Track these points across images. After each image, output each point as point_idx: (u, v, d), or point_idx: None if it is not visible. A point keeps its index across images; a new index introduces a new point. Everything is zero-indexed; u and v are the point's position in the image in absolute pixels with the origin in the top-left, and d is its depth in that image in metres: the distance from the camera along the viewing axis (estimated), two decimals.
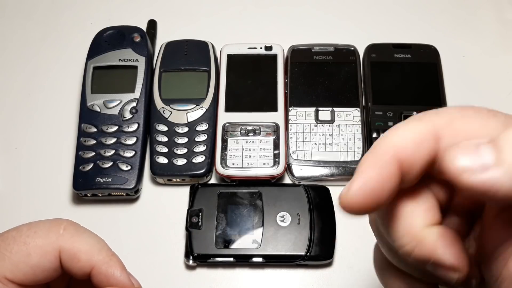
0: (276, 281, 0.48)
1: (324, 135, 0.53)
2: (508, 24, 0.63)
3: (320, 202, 0.49)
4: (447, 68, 0.57)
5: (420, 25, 0.62)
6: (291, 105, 0.55)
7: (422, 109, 0.58)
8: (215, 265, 0.48)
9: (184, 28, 0.61)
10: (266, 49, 0.57)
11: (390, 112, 0.54)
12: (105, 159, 0.50)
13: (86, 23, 0.63)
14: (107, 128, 0.52)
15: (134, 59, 0.55)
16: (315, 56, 0.57)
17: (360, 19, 0.63)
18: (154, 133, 0.52)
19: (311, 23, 0.63)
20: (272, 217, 0.48)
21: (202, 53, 0.57)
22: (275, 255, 0.47)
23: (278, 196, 0.49)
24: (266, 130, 0.53)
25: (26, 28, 0.63)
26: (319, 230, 0.47)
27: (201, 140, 0.52)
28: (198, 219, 0.48)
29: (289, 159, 0.52)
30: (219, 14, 0.64)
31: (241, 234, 0.47)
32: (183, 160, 0.51)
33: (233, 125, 0.53)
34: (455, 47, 0.60)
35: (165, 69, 0.56)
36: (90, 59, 0.55)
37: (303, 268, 0.48)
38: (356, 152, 0.52)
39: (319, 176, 0.52)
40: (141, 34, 0.57)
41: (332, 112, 0.54)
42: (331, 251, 0.47)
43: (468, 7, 0.64)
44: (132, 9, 0.64)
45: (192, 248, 0.47)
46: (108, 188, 0.50)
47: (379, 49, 0.58)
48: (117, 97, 0.53)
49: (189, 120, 0.53)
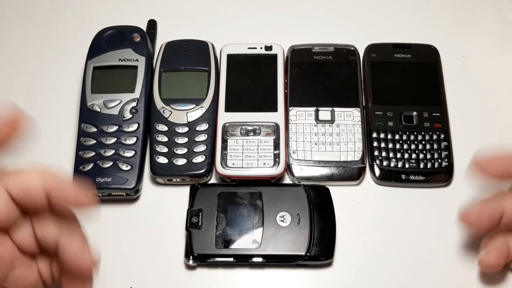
0: (276, 281, 0.48)
1: (324, 135, 0.53)
2: (508, 24, 0.63)
3: (320, 202, 0.49)
4: (447, 68, 0.57)
5: (420, 25, 0.62)
6: (291, 105, 0.55)
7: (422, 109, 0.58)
8: (215, 265, 0.48)
9: (184, 28, 0.62)
10: (266, 49, 0.57)
11: (390, 112, 0.54)
12: (105, 159, 0.51)
13: (86, 23, 0.63)
14: (107, 128, 0.52)
15: (134, 59, 0.55)
16: (315, 56, 0.57)
17: (360, 19, 0.63)
18: (154, 133, 0.52)
19: (311, 23, 0.63)
20: (272, 217, 0.48)
21: (202, 53, 0.57)
22: (275, 255, 0.47)
23: (278, 196, 0.49)
24: (266, 130, 0.53)
25: (26, 28, 0.63)
26: (319, 230, 0.47)
27: (201, 140, 0.52)
28: (198, 219, 0.48)
29: (289, 159, 0.52)
30: (219, 14, 0.64)
31: (241, 234, 0.47)
32: (183, 160, 0.51)
33: (233, 125, 0.53)
34: (455, 47, 0.60)
35: (165, 69, 0.56)
36: (90, 59, 0.55)
37: (303, 268, 0.48)
38: (356, 152, 0.52)
39: (319, 176, 0.52)
40: (141, 34, 0.57)
41: (332, 112, 0.54)
42: (331, 251, 0.47)
43: (468, 7, 0.64)
44: (132, 9, 0.64)
45: (192, 248, 0.47)
46: (108, 188, 0.50)
47: (379, 49, 0.58)
48: (117, 97, 0.53)
49: (189, 120, 0.53)
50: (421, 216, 0.51)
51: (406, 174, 0.52)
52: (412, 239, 0.50)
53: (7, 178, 0.32)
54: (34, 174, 0.33)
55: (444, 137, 0.53)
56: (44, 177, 0.33)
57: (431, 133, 0.53)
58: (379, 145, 0.53)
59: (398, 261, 0.49)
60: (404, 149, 0.53)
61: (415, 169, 0.52)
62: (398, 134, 0.53)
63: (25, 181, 0.33)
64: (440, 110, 0.54)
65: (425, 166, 0.52)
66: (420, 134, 0.53)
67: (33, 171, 0.33)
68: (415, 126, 0.53)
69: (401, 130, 0.53)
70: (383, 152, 0.53)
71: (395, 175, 0.52)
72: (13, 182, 0.32)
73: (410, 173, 0.52)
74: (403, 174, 0.52)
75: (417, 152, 0.52)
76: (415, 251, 0.49)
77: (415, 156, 0.52)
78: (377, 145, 0.53)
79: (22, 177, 0.33)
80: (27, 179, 0.33)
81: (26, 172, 0.33)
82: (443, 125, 0.54)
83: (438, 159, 0.52)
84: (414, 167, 0.52)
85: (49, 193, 0.33)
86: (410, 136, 0.53)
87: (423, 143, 0.53)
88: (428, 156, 0.52)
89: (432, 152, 0.52)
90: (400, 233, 0.50)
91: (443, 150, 0.53)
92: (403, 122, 0.54)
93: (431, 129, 0.53)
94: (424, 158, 0.52)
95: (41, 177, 0.33)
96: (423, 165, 0.52)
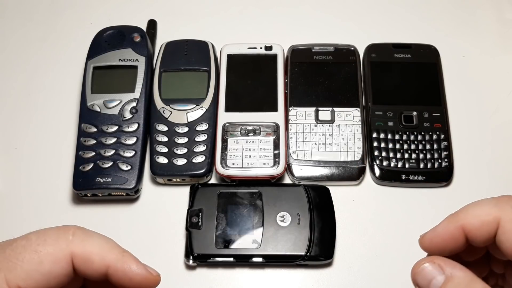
0: (276, 281, 0.48)
1: (324, 135, 0.53)
2: (508, 24, 0.63)
3: (320, 202, 0.49)
4: (447, 68, 0.57)
5: (420, 25, 0.62)
6: (291, 105, 0.55)
7: (422, 109, 0.58)
8: (215, 265, 0.48)
9: (184, 28, 0.62)
10: (266, 49, 0.57)
11: (390, 112, 0.54)
12: (105, 159, 0.50)
13: (86, 23, 0.63)
14: (107, 128, 0.52)
15: (134, 59, 0.55)
16: (315, 56, 0.57)
17: (360, 19, 0.63)
18: (154, 133, 0.52)
19: (311, 23, 0.63)
20: (272, 217, 0.48)
21: (202, 53, 0.57)
22: (275, 255, 0.47)
23: (278, 196, 0.49)
24: (266, 130, 0.53)
25: (26, 28, 0.63)
26: (319, 230, 0.47)
27: (201, 140, 0.52)
28: (198, 219, 0.48)
29: (289, 159, 0.52)
30: (219, 14, 0.64)
31: (241, 234, 0.47)
32: (183, 160, 0.51)
33: (233, 125, 0.53)
34: (455, 47, 0.60)
35: (165, 69, 0.56)
36: (90, 59, 0.55)
37: (303, 268, 0.48)
38: (356, 152, 0.52)
39: (319, 176, 0.52)
40: (141, 34, 0.57)
41: (332, 112, 0.54)
42: (331, 251, 0.47)
43: (468, 7, 0.64)
44: (132, 9, 0.64)
45: (192, 248, 0.47)
46: (108, 188, 0.50)
47: (379, 49, 0.58)
48: (117, 97, 0.53)
49: (189, 120, 0.53)
50: (421, 216, 0.51)
51: (406, 174, 0.52)
52: (412, 239, 0.50)
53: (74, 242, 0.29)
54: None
55: (444, 137, 0.53)
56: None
57: (431, 133, 0.53)
58: (379, 145, 0.53)
59: (398, 261, 0.49)
60: (404, 149, 0.53)
61: (415, 169, 0.52)
62: (398, 134, 0.53)
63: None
64: (440, 110, 0.54)
65: (425, 166, 0.52)
66: (420, 134, 0.53)
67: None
68: (415, 126, 0.53)
69: (401, 130, 0.53)
70: (383, 152, 0.53)
71: (395, 175, 0.52)
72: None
73: (410, 173, 0.52)
74: (403, 174, 0.52)
75: (417, 152, 0.52)
76: (415, 251, 0.49)
77: (415, 156, 0.52)
78: (377, 145, 0.53)
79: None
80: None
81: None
82: (443, 125, 0.54)
83: (438, 159, 0.52)
84: (414, 167, 0.52)
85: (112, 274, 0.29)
86: (410, 136, 0.53)
87: (423, 143, 0.53)
88: (428, 156, 0.52)
89: (432, 152, 0.52)
90: (400, 233, 0.50)
91: (443, 150, 0.53)
92: (403, 122, 0.54)
93: (431, 129, 0.53)
94: (424, 158, 0.52)
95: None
96: (423, 165, 0.52)
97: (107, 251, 0.28)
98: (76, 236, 0.28)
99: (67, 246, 0.28)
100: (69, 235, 0.28)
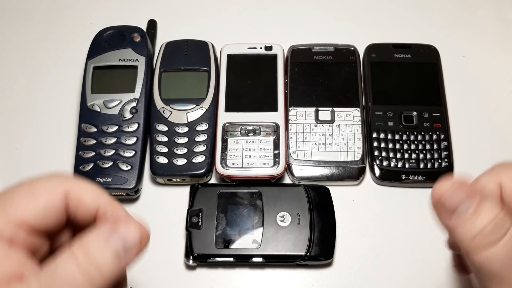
0: (276, 281, 0.48)
1: (324, 135, 0.53)
2: (508, 24, 0.63)
3: (320, 202, 0.49)
4: (447, 68, 0.57)
5: (420, 25, 0.62)
6: (291, 105, 0.55)
7: (422, 109, 0.58)
8: (215, 265, 0.48)
9: (184, 28, 0.62)
10: (266, 49, 0.57)
11: (390, 112, 0.54)
12: (105, 159, 0.51)
13: (86, 23, 0.63)
14: (107, 128, 0.52)
15: (134, 59, 0.55)
16: (315, 56, 0.57)
17: (360, 19, 0.63)
18: (154, 133, 0.52)
19: (311, 23, 0.63)
20: (272, 217, 0.48)
21: (202, 53, 0.57)
22: (275, 255, 0.47)
23: (278, 196, 0.49)
24: (266, 130, 0.53)
25: (26, 28, 0.63)
26: (319, 230, 0.47)
27: (201, 140, 0.52)
28: (198, 219, 0.48)
29: (289, 159, 0.52)
30: (219, 14, 0.64)
31: (241, 234, 0.47)
32: (183, 160, 0.51)
33: (233, 125, 0.53)
34: (455, 47, 0.60)
35: (165, 69, 0.56)
36: (90, 59, 0.55)
37: (303, 268, 0.48)
38: (356, 152, 0.52)
39: (319, 176, 0.52)
40: (141, 34, 0.57)
41: (332, 112, 0.54)
42: (331, 251, 0.47)
43: (468, 7, 0.64)
44: (132, 9, 0.64)
45: (192, 248, 0.47)
46: (108, 188, 0.50)
47: (379, 49, 0.58)
48: (117, 97, 0.53)
49: (189, 120, 0.53)
50: (421, 216, 0.51)
51: (406, 174, 0.52)
52: (412, 239, 0.50)
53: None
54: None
55: (444, 137, 0.53)
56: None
57: (431, 133, 0.53)
58: (379, 145, 0.53)
59: (398, 261, 0.49)
60: (404, 149, 0.53)
61: (415, 169, 0.52)
62: (398, 134, 0.53)
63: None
64: (440, 110, 0.54)
65: (425, 166, 0.52)
66: (420, 134, 0.53)
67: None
68: (415, 126, 0.53)
69: (401, 130, 0.53)
70: (383, 152, 0.53)
71: (395, 175, 0.52)
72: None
73: (410, 173, 0.52)
74: (403, 174, 0.52)
75: (417, 152, 0.52)
76: (415, 251, 0.49)
77: (415, 156, 0.52)
78: (377, 145, 0.53)
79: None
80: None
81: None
82: (443, 125, 0.54)
83: (438, 159, 0.52)
84: (414, 167, 0.52)
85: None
86: (410, 136, 0.53)
87: (423, 143, 0.53)
88: (428, 156, 0.52)
89: (432, 152, 0.52)
90: (400, 233, 0.50)
91: (443, 150, 0.53)
92: (403, 122, 0.54)
93: (431, 129, 0.53)
94: (424, 158, 0.52)
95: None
96: (423, 165, 0.52)
97: (99, 194, 0.30)
98: (70, 178, 0.30)
99: (61, 184, 0.29)
100: (62, 176, 0.30)
